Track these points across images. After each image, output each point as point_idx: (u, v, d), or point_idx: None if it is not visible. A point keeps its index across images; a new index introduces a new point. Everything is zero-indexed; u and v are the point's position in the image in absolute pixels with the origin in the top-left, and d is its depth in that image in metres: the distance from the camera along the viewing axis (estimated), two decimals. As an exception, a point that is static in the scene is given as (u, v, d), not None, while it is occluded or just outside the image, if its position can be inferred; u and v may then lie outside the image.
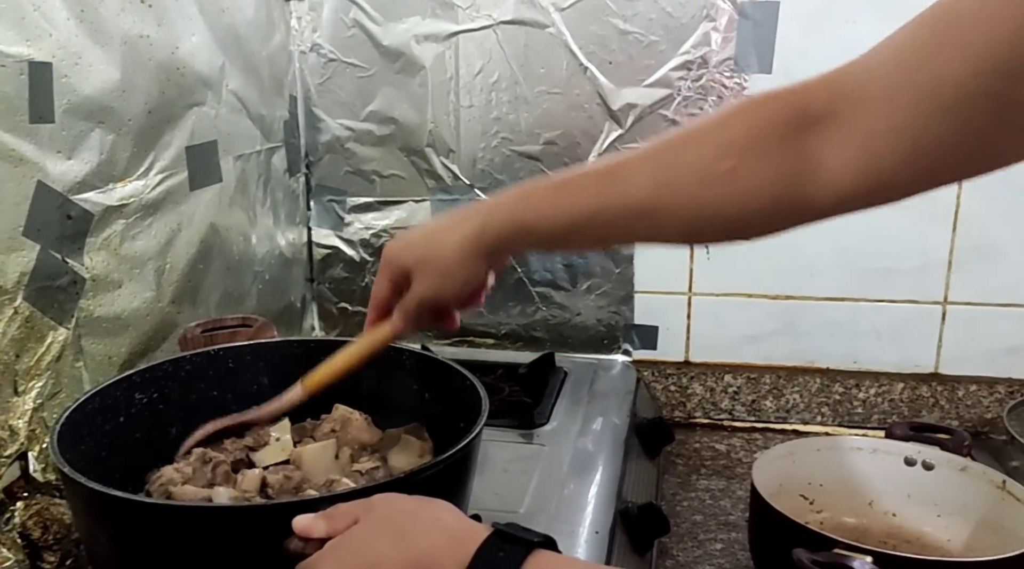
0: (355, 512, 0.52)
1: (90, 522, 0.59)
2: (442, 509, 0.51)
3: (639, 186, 0.58)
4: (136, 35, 0.86)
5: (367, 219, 1.33)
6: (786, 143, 0.52)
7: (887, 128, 0.48)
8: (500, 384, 1.13)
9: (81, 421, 0.66)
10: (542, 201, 0.62)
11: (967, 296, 1.18)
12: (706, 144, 0.56)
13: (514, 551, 0.47)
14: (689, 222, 0.57)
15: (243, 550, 0.53)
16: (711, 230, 0.59)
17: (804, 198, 0.53)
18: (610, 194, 0.59)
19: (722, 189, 0.54)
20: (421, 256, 0.67)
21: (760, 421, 1.26)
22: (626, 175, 0.59)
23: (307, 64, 1.28)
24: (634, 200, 0.58)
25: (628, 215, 0.59)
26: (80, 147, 0.80)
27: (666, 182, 0.57)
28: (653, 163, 0.58)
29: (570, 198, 0.61)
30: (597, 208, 0.60)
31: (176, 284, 0.96)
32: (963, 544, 0.89)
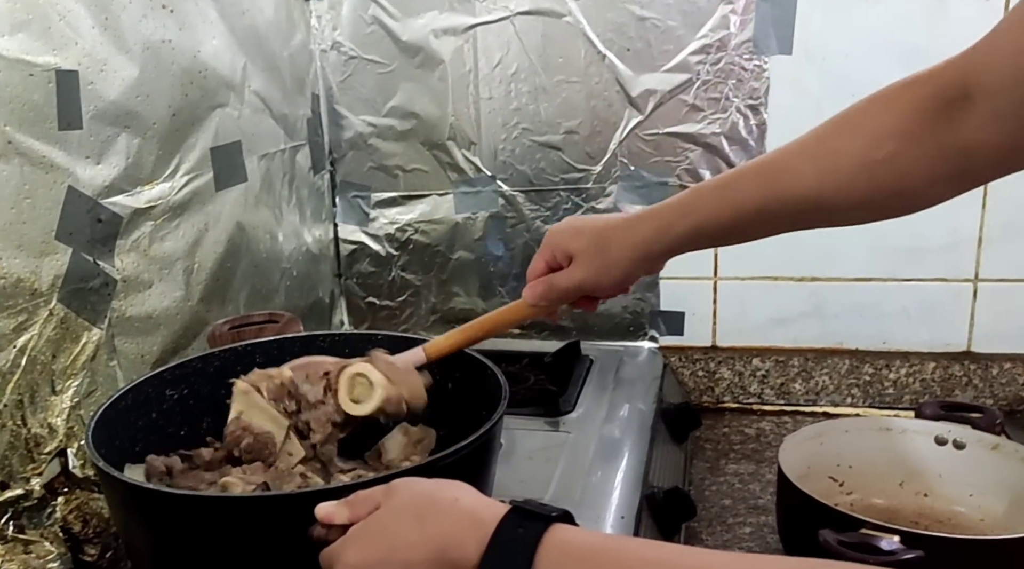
0: (376, 498, 0.53)
1: (125, 514, 0.61)
2: (461, 490, 0.52)
3: (802, 178, 0.63)
4: (158, 40, 0.88)
5: (392, 214, 1.35)
6: (936, 124, 0.57)
7: (1003, 108, 0.53)
8: (526, 373, 1.14)
9: (115, 418, 0.69)
10: (709, 203, 0.68)
11: (999, 273, 1.16)
12: (861, 133, 0.60)
13: (533, 526, 0.48)
14: (855, 206, 0.63)
15: (269, 538, 0.55)
16: (874, 209, 0.63)
17: (959, 170, 0.58)
18: (775, 188, 0.64)
19: (882, 172, 0.59)
20: (588, 245, 0.72)
21: (789, 404, 1.26)
22: (788, 169, 0.64)
23: (328, 62, 1.30)
24: (799, 192, 0.63)
25: (794, 207, 0.64)
26: (108, 152, 0.82)
27: (828, 172, 0.62)
28: (812, 154, 0.63)
29: (737, 196, 0.66)
30: (763, 202, 0.65)
31: (205, 283, 0.98)
32: (997, 523, 0.88)
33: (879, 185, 0.60)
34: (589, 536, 0.48)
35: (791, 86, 1.17)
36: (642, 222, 0.70)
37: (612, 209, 1.26)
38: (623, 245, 0.70)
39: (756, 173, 0.66)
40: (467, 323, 0.78)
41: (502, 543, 0.47)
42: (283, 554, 0.54)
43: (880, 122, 0.60)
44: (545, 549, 0.47)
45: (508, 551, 0.47)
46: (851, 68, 1.14)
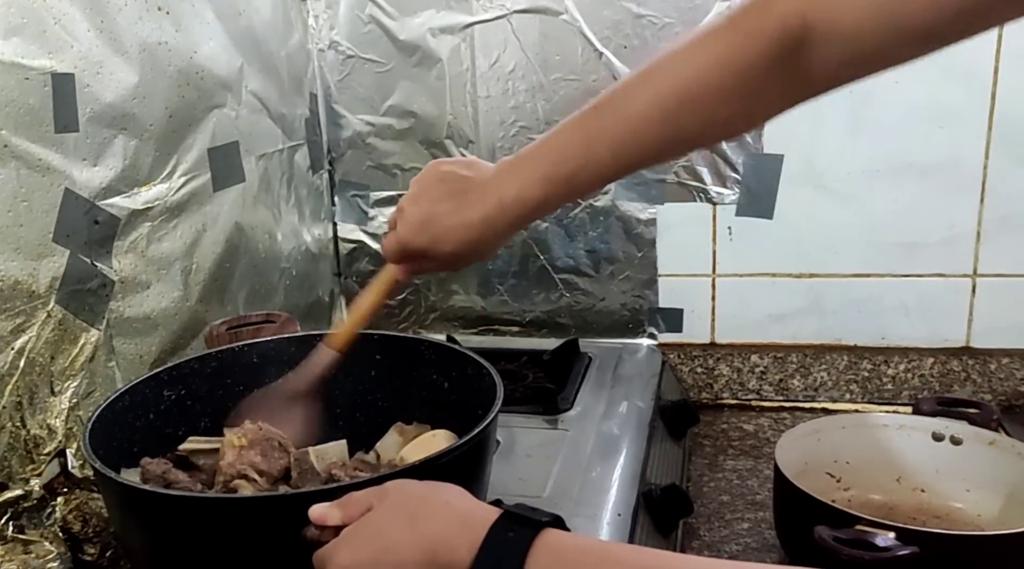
0: (369, 499, 0.53)
1: (122, 515, 0.62)
2: (453, 493, 0.53)
3: (651, 143, 0.63)
4: (154, 42, 0.89)
5: (390, 212, 1.34)
6: (775, 76, 0.58)
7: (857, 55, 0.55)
8: (524, 371, 1.14)
9: (113, 419, 0.69)
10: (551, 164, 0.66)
11: (997, 268, 1.16)
12: (704, 100, 0.60)
13: (523, 532, 0.48)
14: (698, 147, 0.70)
15: (264, 539, 0.55)
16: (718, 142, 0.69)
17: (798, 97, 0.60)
18: (627, 152, 0.64)
19: (728, 126, 0.63)
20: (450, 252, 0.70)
21: (788, 400, 1.26)
22: (636, 139, 0.63)
23: (326, 62, 1.30)
24: (648, 152, 0.64)
25: (642, 162, 0.66)
26: (104, 154, 0.82)
27: (677, 133, 0.62)
28: (659, 116, 0.61)
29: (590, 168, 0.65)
30: (616, 163, 0.64)
31: (203, 283, 0.99)
32: (994, 518, 0.88)
33: (721, 133, 0.66)
34: (579, 541, 0.49)
35: None
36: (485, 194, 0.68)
37: (610, 206, 1.26)
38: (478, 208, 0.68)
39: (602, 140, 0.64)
40: (354, 305, 0.78)
41: (493, 547, 0.48)
42: (278, 555, 0.55)
43: (721, 84, 0.59)
44: (535, 554, 0.47)
45: (499, 555, 0.47)
46: (848, 64, 1.14)
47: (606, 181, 0.68)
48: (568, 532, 0.50)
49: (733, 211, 1.22)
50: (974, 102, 1.12)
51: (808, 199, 1.19)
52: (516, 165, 0.69)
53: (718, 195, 1.22)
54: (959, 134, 1.13)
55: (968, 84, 1.12)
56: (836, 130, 1.16)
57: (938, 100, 1.13)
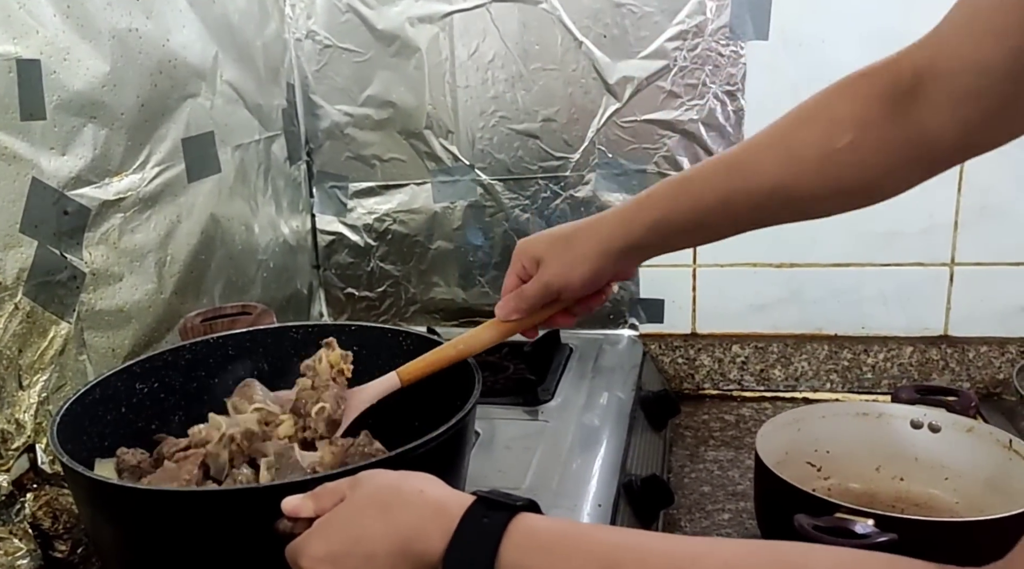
0: (341, 490, 0.52)
1: (91, 510, 0.60)
2: (426, 481, 0.52)
3: (764, 169, 0.62)
4: (124, 29, 0.87)
5: (370, 204, 1.34)
6: (892, 113, 0.57)
7: (955, 95, 0.54)
8: (505, 362, 1.13)
9: (82, 412, 0.68)
10: (673, 196, 0.67)
11: (975, 256, 1.17)
12: (821, 124, 0.60)
13: (497, 516, 0.48)
14: (817, 196, 0.62)
15: (236, 532, 0.54)
16: (839, 200, 0.63)
17: (918, 157, 0.58)
18: (738, 180, 0.64)
19: (843, 159, 0.59)
20: (554, 245, 0.71)
21: (769, 390, 1.26)
22: (750, 161, 0.64)
23: (303, 51, 1.29)
24: (760, 184, 0.62)
25: (755, 199, 0.63)
26: (73, 143, 0.81)
27: (789, 162, 0.61)
28: (774, 146, 0.63)
29: (701, 189, 0.65)
30: (726, 195, 0.64)
31: (178, 276, 0.97)
32: (972, 505, 0.88)
33: (840, 175, 0.60)
34: (553, 523, 0.48)
35: (768, 72, 1.16)
36: (606, 217, 0.70)
37: (591, 197, 1.25)
38: (587, 240, 0.69)
39: (718, 167, 0.66)
40: (442, 345, 0.76)
41: (466, 533, 0.47)
42: (252, 548, 0.54)
43: (838, 112, 0.60)
44: (510, 538, 0.46)
45: (473, 541, 0.47)
46: (827, 53, 1.14)
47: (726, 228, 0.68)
48: (543, 515, 0.49)
49: (713, 201, 1.21)
50: (952, 91, 1.12)
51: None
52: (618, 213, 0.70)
53: (698, 185, 1.21)
54: (937, 123, 1.13)
55: (946, 73, 1.12)
56: (816, 120, 1.16)
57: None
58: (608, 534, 0.47)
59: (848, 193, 0.62)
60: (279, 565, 0.52)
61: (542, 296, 0.72)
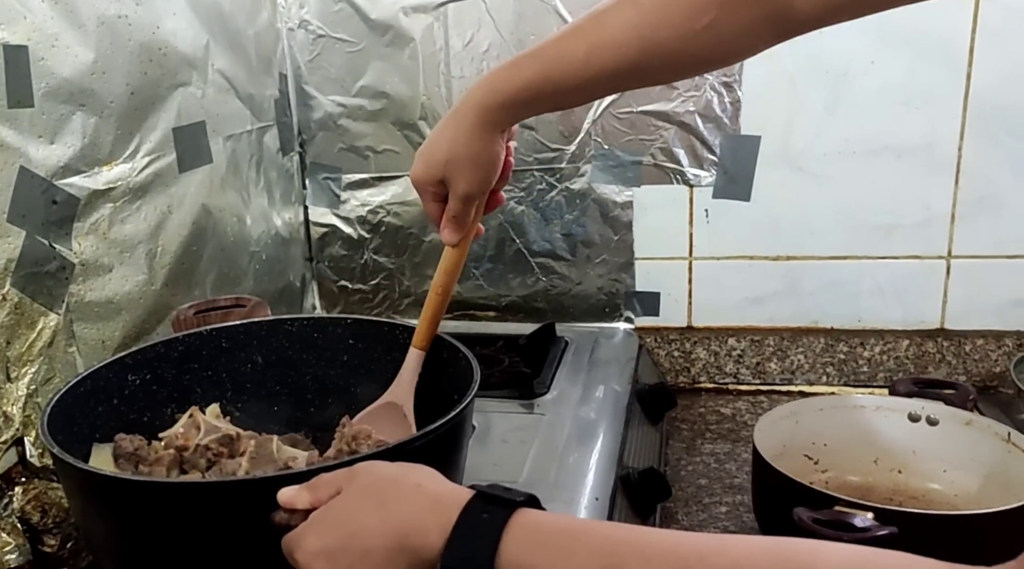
0: (338, 482, 0.51)
1: (82, 502, 0.59)
2: (424, 475, 0.51)
3: (627, 47, 0.63)
4: (113, 15, 0.85)
5: (363, 196, 1.32)
6: None
7: None
8: (500, 355, 1.12)
9: (73, 404, 0.66)
10: (535, 70, 0.66)
11: (972, 249, 1.16)
12: (681, 5, 0.61)
13: (497, 511, 0.46)
14: (677, 69, 0.66)
15: (232, 524, 0.53)
16: (698, 69, 0.69)
17: (777, 29, 0.61)
18: (600, 56, 0.64)
19: (704, 39, 0.61)
20: (445, 161, 0.69)
21: (765, 383, 1.25)
22: (611, 40, 0.63)
23: (295, 41, 1.27)
24: (624, 60, 0.63)
25: (620, 73, 0.64)
26: (62, 131, 0.79)
27: (651, 40, 0.62)
28: (633, 24, 0.63)
29: (562, 63, 0.65)
30: (588, 69, 0.64)
31: (169, 267, 0.96)
32: (970, 498, 0.88)
33: (699, 50, 0.62)
34: (554, 519, 0.47)
35: (765, 63, 1.14)
36: (470, 106, 0.68)
37: (586, 189, 1.24)
38: (467, 137, 0.68)
39: (577, 41, 0.65)
40: (428, 299, 0.76)
41: (466, 529, 0.46)
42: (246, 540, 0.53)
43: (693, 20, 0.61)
44: (510, 534, 0.45)
45: (472, 537, 0.46)
46: (824, 44, 1.13)
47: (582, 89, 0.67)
48: (543, 511, 0.48)
49: (710, 193, 1.21)
50: (949, 83, 1.12)
51: (785, 181, 1.18)
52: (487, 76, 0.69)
53: (695, 177, 1.21)
54: (934, 116, 1.13)
55: (943, 65, 1.11)
56: (813, 111, 1.16)
57: (914, 81, 1.13)
58: (610, 530, 0.46)
59: (702, 64, 0.66)
60: (273, 557, 0.51)
61: (469, 207, 0.71)
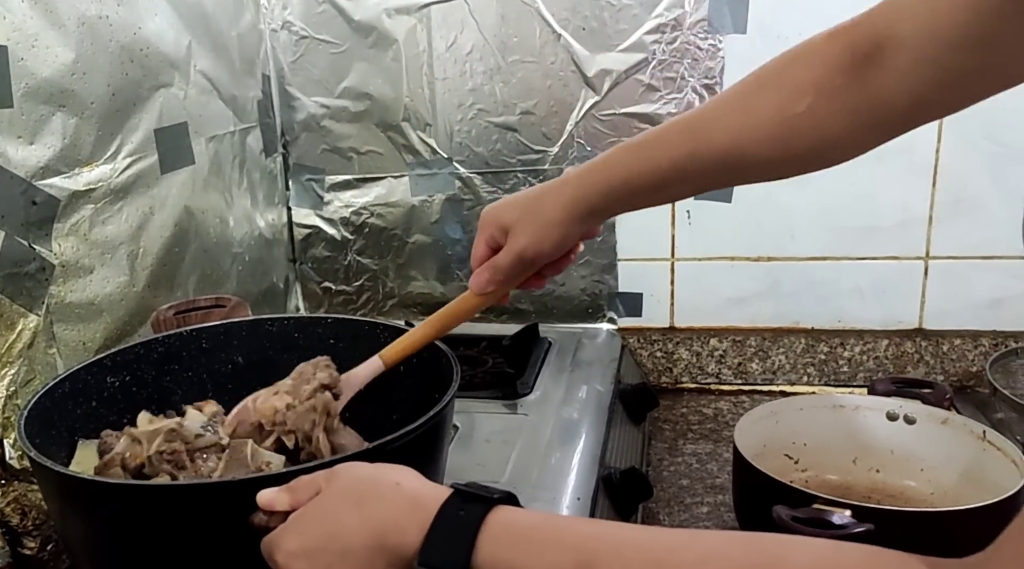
0: (317, 483, 0.52)
1: (61, 505, 0.59)
2: (403, 474, 0.51)
3: (724, 131, 0.62)
4: (94, 16, 0.85)
5: (346, 197, 1.32)
6: (851, 79, 0.58)
7: (914, 63, 0.54)
8: (484, 356, 1.13)
9: (51, 406, 0.66)
10: (632, 159, 0.67)
11: (949, 250, 1.18)
12: (781, 86, 0.61)
13: (474, 509, 0.47)
14: (774, 160, 0.63)
15: (210, 526, 0.53)
16: (794, 163, 0.64)
17: (875, 122, 0.59)
18: (697, 142, 0.63)
19: (800, 124, 0.60)
20: (522, 213, 0.70)
21: (747, 383, 1.26)
22: (709, 123, 0.64)
23: (278, 42, 1.27)
24: (720, 146, 0.63)
25: (713, 162, 0.63)
26: (42, 132, 0.79)
27: (749, 125, 0.61)
28: (733, 109, 0.63)
29: (659, 152, 0.65)
30: (686, 157, 0.64)
31: (151, 268, 0.95)
32: (946, 496, 0.89)
33: (797, 139, 0.61)
34: (531, 516, 0.48)
35: (746, 65, 1.13)
36: (570, 179, 0.69)
37: (569, 191, 1.25)
38: (554, 205, 0.69)
39: (677, 129, 0.66)
40: (421, 324, 0.75)
41: (443, 526, 0.46)
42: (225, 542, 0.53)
43: (797, 77, 0.60)
44: (487, 531, 0.46)
45: (449, 535, 0.46)
46: (805, 47, 1.14)
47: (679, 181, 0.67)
48: (521, 508, 0.49)
49: (692, 195, 1.22)
50: (927, 86, 1.13)
51: (766, 183, 1.19)
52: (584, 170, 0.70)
53: (677, 179, 1.22)
54: (913, 118, 1.14)
55: (922, 68, 1.13)
56: (793, 114, 1.17)
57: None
58: (585, 526, 0.46)
59: (803, 157, 0.62)
60: (253, 559, 0.51)
61: (517, 267, 0.71)
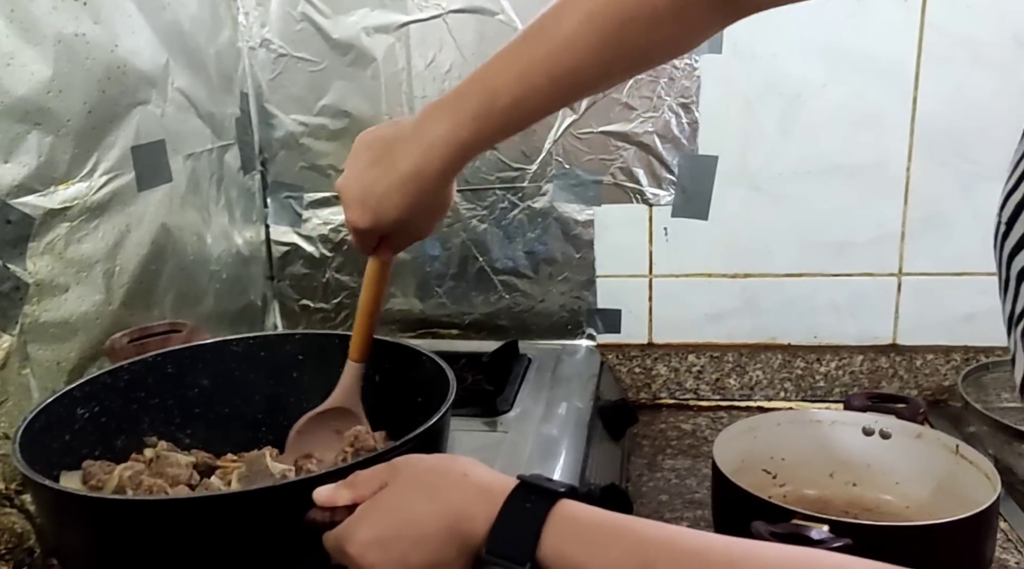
0: (380, 476, 0.54)
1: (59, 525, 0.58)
2: (468, 464, 0.53)
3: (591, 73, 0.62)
4: (71, 33, 0.84)
5: (325, 214, 1.32)
6: None
7: None
8: (463, 373, 1.12)
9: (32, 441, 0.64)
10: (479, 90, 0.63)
11: (921, 266, 1.20)
12: (641, 20, 0.60)
13: (540, 501, 0.49)
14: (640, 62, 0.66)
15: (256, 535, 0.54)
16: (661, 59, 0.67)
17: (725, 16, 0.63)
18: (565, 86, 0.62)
19: (665, 47, 0.63)
20: (401, 218, 0.67)
21: (725, 399, 1.27)
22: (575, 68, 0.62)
23: (257, 60, 1.27)
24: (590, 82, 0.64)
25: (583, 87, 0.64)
26: (17, 150, 0.78)
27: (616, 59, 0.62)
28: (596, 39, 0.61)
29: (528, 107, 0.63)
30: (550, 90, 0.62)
31: (127, 286, 0.95)
32: (922, 509, 0.90)
33: (658, 54, 0.64)
34: (595, 513, 0.49)
35: (722, 85, 1.18)
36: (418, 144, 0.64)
37: (548, 208, 1.26)
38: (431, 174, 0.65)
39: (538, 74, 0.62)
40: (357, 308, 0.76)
41: (510, 517, 0.48)
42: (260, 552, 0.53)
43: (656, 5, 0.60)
44: (552, 524, 0.47)
45: (516, 524, 0.48)
46: (779, 67, 1.16)
47: (547, 111, 0.65)
48: (584, 503, 0.50)
49: (669, 212, 1.23)
50: (897, 106, 1.15)
51: (742, 200, 1.21)
52: (440, 107, 0.65)
53: (654, 196, 1.23)
54: (884, 137, 1.17)
55: (891, 88, 1.15)
56: (768, 132, 1.19)
57: (863, 104, 1.16)
58: (644, 528, 0.48)
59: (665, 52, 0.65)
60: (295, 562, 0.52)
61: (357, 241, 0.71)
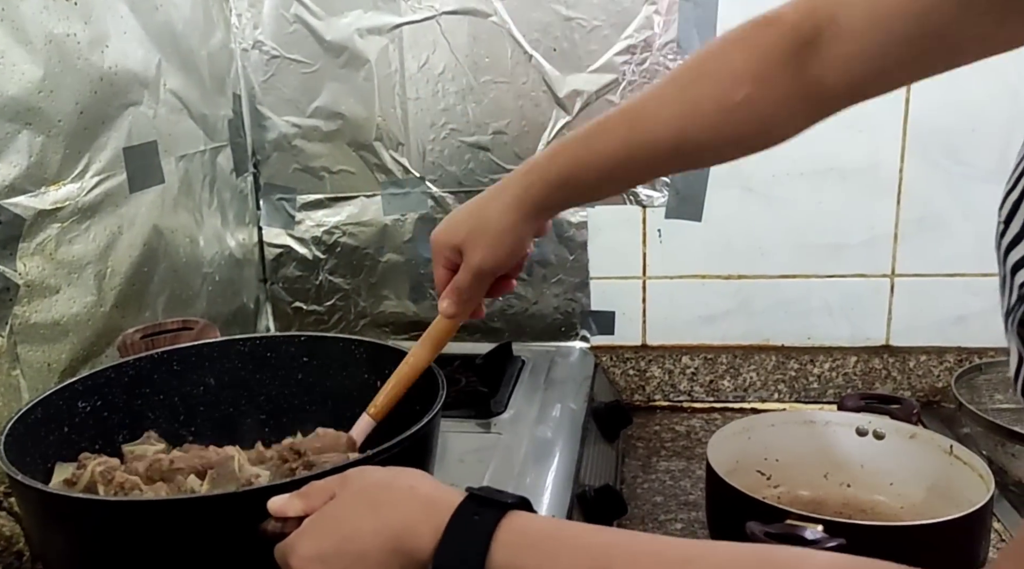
0: (330, 488, 0.52)
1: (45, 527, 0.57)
2: (417, 478, 0.52)
3: (664, 122, 0.63)
4: (62, 34, 0.84)
5: (318, 216, 1.32)
6: (790, 66, 0.59)
7: (856, 53, 0.56)
8: (457, 375, 1.12)
9: (25, 433, 0.64)
10: (576, 153, 0.67)
11: (914, 268, 1.20)
12: (718, 76, 0.61)
13: (488, 513, 0.47)
14: (717, 147, 0.64)
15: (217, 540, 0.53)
16: (734, 148, 0.65)
17: (813, 106, 0.60)
18: (638, 133, 0.64)
19: (741, 113, 0.61)
20: (470, 228, 0.69)
21: (719, 401, 1.27)
22: (651, 114, 0.64)
23: (249, 61, 1.27)
24: (663, 137, 0.63)
25: (657, 151, 0.64)
26: (7, 150, 0.78)
27: (688, 115, 0.62)
28: (672, 99, 0.63)
29: (601, 144, 0.65)
30: (629, 148, 0.64)
31: (119, 288, 0.94)
32: (915, 510, 0.90)
33: (735, 126, 0.62)
34: (544, 522, 0.48)
35: None
36: (511, 182, 0.69)
37: (542, 210, 1.25)
38: (500, 211, 0.68)
39: (618, 120, 0.66)
40: (398, 367, 0.75)
41: (457, 530, 0.47)
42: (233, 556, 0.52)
43: (734, 65, 0.61)
44: (501, 536, 0.46)
45: (463, 538, 0.46)
46: (771, 69, 1.16)
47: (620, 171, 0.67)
48: (534, 514, 0.49)
49: (662, 214, 1.23)
50: (889, 108, 1.16)
51: (736, 201, 1.21)
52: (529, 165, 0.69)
53: (647, 198, 1.23)
54: (876, 139, 1.17)
55: (884, 90, 1.15)
56: (761, 134, 1.19)
57: (856, 106, 1.16)
58: (599, 534, 0.46)
59: (742, 142, 0.64)
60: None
61: (478, 283, 0.71)
